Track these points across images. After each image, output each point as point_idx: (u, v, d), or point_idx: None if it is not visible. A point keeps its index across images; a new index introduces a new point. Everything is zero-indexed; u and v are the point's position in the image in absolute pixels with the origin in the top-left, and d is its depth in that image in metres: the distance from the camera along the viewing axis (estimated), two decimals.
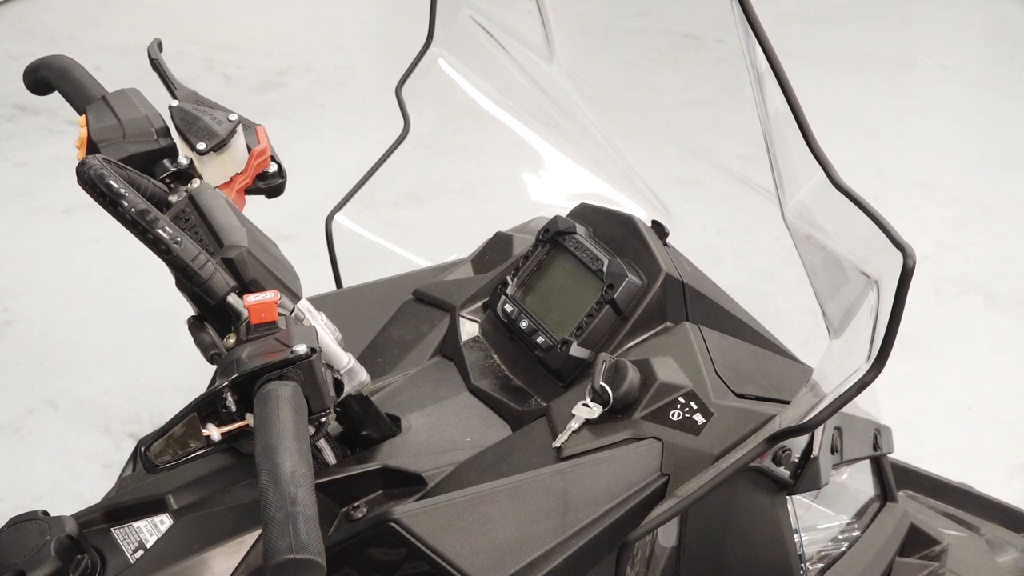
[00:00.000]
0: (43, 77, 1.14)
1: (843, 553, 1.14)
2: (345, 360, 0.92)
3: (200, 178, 1.06)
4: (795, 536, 1.04)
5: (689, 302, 1.07)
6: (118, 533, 0.90)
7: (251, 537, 0.88)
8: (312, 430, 0.80)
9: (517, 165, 1.46)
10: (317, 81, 4.23)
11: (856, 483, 1.21)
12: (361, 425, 1.00)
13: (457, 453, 1.00)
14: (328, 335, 0.91)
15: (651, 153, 1.35)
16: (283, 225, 2.28)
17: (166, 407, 2.49)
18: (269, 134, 1.15)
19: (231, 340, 0.85)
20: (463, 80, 1.33)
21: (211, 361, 0.91)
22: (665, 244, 1.13)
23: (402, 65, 1.32)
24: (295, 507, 0.65)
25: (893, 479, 1.24)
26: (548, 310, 1.10)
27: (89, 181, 0.85)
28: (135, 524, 0.90)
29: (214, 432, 0.75)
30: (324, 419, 0.81)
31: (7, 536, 0.84)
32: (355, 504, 0.94)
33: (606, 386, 0.95)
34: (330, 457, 0.98)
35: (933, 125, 3.94)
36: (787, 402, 0.98)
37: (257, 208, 1.12)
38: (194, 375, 1.21)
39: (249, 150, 1.11)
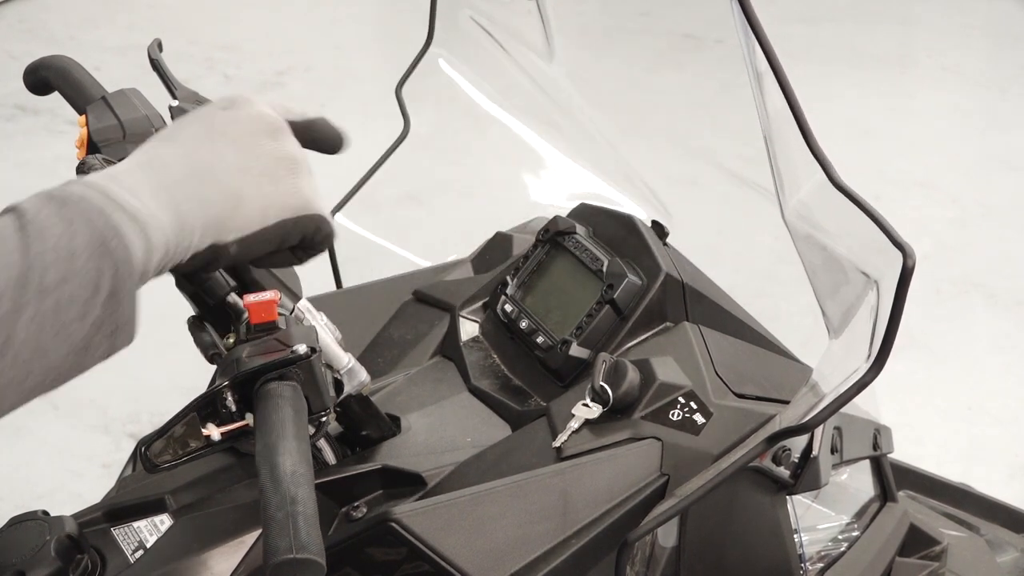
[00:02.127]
0: (43, 77, 1.13)
1: (843, 553, 1.14)
2: (345, 360, 0.91)
3: None
4: (795, 536, 1.04)
5: (689, 302, 1.07)
6: (118, 533, 0.90)
7: (251, 537, 0.88)
8: (312, 430, 0.80)
9: (517, 165, 1.46)
10: (317, 81, 4.23)
11: (856, 483, 1.21)
12: (361, 425, 1.00)
13: (457, 453, 1.00)
14: (328, 335, 0.91)
15: (651, 153, 1.35)
16: None
17: (166, 407, 2.48)
18: None
19: (231, 340, 0.85)
20: (463, 80, 1.33)
21: (211, 361, 0.91)
22: (665, 244, 1.13)
23: (402, 65, 1.32)
24: (295, 507, 0.65)
25: (893, 479, 1.24)
26: (548, 310, 1.10)
27: None
28: (135, 524, 0.90)
29: (214, 432, 0.75)
30: (324, 419, 0.81)
31: (7, 536, 0.84)
32: (355, 504, 0.94)
33: (606, 386, 0.95)
34: (330, 457, 0.98)
35: (933, 125, 3.94)
36: (787, 402, 0.98)
37: None
38: (194, 375, 1.21)
39: None
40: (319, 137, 0.78)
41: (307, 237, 0.74)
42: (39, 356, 0.59)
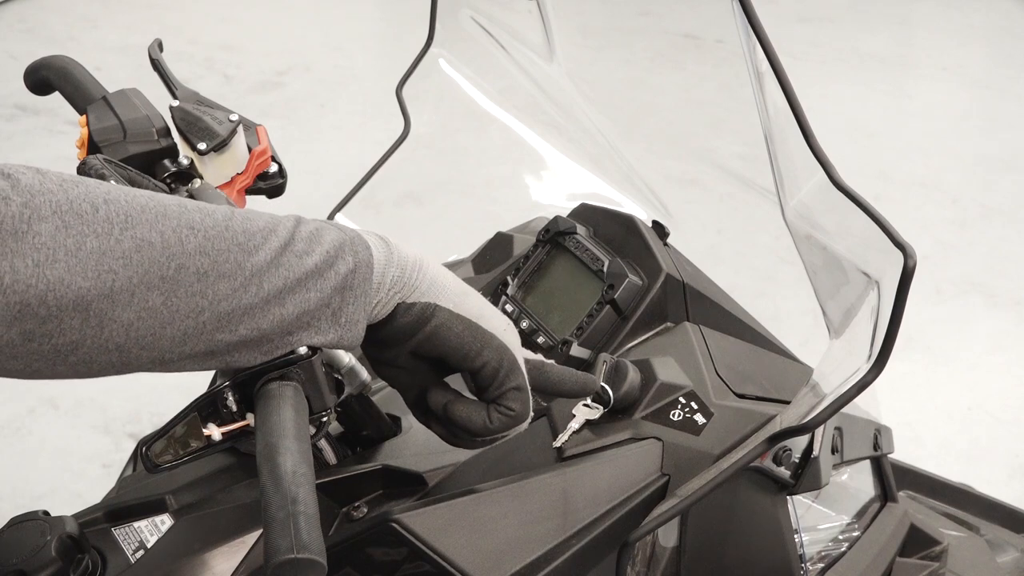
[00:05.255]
0: (44, 77, 1.14)
1: (843, 553, 1.14)
2: (345, 360, 0.91)
3: (201, 178, 1.07)
4: (795, 536, 1.04)
5: (689, 302, 1.07)
6: (119, 533, 0.90)
7: (252, 537, 0.88)
8: (313, 430, 0.80)
9: (517, 165, 1.46)
10: (317, 81, 4.24)
11: (856, 483, 1.21)
12: (362, 425, 1.00)
13: (457, 453, 1.00)
14: None
15: (651, 153, 1.35)
16: None
17: (166, 407, 2.49)
18: (269, 134, 1.15)
19: None
20: (463, 80, 1.33)
21: None
22: (665, 244, 1.13)
23: (402, 65, 1.31)
24: (296, 506, 0.65)
25: (893, 479, 1.24)
26: (549, 310, 1.10)
27: None
28: (136, 524, 0.90)
29: (215, 432, 0.75)
30: (325, 419, 0.80)
31: (7, 536, 0.84)
32: (355, 504, 0.94)
33: (607, 386, 0.95)
34: (330, 457, 0.98)
35: (933, 125, 3.94)
36: (787, 402, 0.98)
37: (258, 208, 1.12)
38: (194, 375, 1.21)
39: (250, 150, 1.11)
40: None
41: (491, 366, 0.78)
42: (278, 302, 0.70)
